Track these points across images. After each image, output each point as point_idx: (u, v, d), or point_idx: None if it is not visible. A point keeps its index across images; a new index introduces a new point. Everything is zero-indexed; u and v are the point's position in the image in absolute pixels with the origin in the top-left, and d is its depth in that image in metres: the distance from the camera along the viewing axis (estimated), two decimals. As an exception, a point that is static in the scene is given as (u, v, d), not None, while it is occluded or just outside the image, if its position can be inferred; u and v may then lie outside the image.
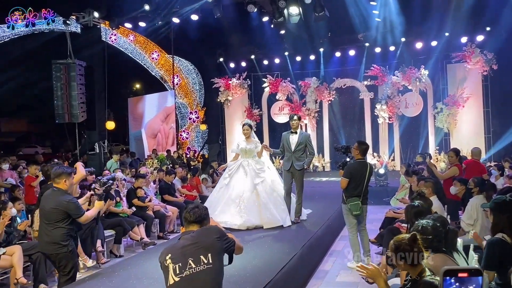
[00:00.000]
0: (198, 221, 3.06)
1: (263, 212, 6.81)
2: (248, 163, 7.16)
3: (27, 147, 31.41)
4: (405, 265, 2.75)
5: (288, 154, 7.12)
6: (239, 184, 7.02)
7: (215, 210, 6.84)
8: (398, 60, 15.38)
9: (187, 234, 3.01)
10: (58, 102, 13.75)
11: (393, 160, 15.53)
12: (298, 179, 7.06)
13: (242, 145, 7.24)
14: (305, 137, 7.15)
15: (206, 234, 2.99)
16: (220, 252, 2.99)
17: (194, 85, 18.64)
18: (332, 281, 5.48)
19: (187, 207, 3.15)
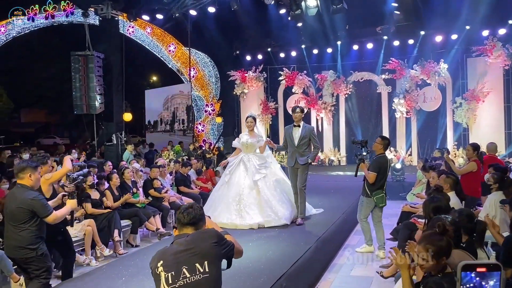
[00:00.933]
0: (193, 223, 2.73)
1: (265, 210, 6.45)
2: (249, 158, 6.81)
3: (46, 137, 31.99)
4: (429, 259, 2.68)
5: (292, 149, 6.74)
6: (239, 181, 6.69)
7: (216, 210, 6.60)
8: (417, 53, 15.16)
9: (180, 238, 2.68)
10: (76, 94, 13.93)
11: (410, 155, 15.36)
12: (301, 174, 6.63)
13: (243, 139, 6.92)
14: (308, 130, 6.73)
15: (202, 238, 2.65)
16: (218, 258, 2.67)
17: (210, 78, 18.68)
18: (347, 275, 5.46)
19: (180, 207, 2.83)
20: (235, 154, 7.10)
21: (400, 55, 15.36)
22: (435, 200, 4.12)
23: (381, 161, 5.96)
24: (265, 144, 6.85)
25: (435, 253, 2.66)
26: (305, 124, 6.83)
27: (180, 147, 15.82)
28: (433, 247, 2.67)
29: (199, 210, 2.79)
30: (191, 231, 2.72)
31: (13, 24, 20.32)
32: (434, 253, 2.66)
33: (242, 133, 7.15)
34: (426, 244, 2.69)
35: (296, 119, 6.76)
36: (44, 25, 20.16)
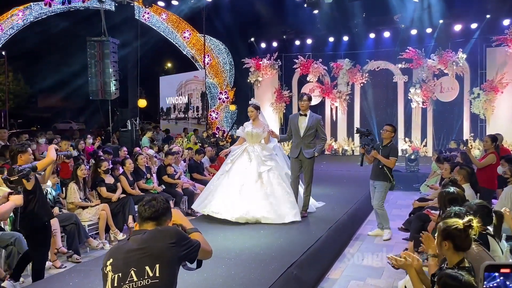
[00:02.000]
0: (154, 218, 2.43)
1: (266, 205, 6.01)
2: (253, 148, 6.39)
3: (62, 122, 32.40)
4: (447, 251, 2.68)
5: (297, 140, 6.34)
6: (241, 171, 6.27)
7: (212, 200, 6.25)
8: (435, 42, 14.89)
9: (137, 235, 2.39)
10: (92, 79, 14.01)
11: (425, 145, 15.20)
12: (307, 168, 6.29)
13: (248, 128, 6.48)
14: (315, 120, 6.31)
15: (159, 237, 2.33)
16: (173, 261, 2.34)
17: (225, 65, 18.65)
18: (358, 264, 5.46)
19: (143, 199, 2.55)
20: (239, 144, 6.70)
21: (418, 44, 15.11)
22: (451, 192, 4.07)
23: (397, 147, 6.51)
24: (268, 135, 6.41)
25: (456, 246, 2.65)
26: (312, 113, 6.42)
27: (194, 134, 15.89)
28: (454, 241, 2.65)
29: (163, 204, 2.49)
30: (152, 226, 2.42)
31: (30, 9, 20.51)
32: (455, 246, 2.65)
33: (247, 121, 6.67)
34: (447, 237, 2.67)
35: (303, 108, 6.35)
36: (61, 10, 20.31)
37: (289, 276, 4.19)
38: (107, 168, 7.04)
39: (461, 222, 2.70)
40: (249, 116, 6.53)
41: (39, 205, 4.39)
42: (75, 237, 5.74)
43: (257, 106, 6.58)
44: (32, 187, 4.41)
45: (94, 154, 9.75)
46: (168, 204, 2.54)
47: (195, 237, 2.55)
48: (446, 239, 2.67)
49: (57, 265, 5.38)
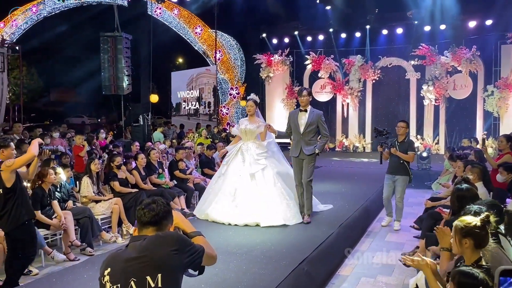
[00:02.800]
0: (154, 222, 2.23)
1: (261, 206, 5.75)
2: (247, 147, 6.15)
3: (74, 116, 32.70)
4: (467, 249, 2.67)
5: (297, 137, 6.00)
6: (236, 173, 6.06)
7: (210, 204, 6.10)
8: (449, 39, 14.73)
9: (136, 241, 2.19)
10: (105, 74, 14.16)
11: (438, 143, 15.08)
12: (306, 166, 5.90)
13: (242, 125, 6.26)
14: (316, 116, 5.96)
15: (160, 244, 2.14)
16: (177, 270, 2.17)
17: (236, 61, 18.65)
18: (368, 262, 5.46)
19: (142, 201, 2.36)
20: (235, 142, 6.46)
21: (431, 40, 14.97)
22: (462, 189, 4.05)
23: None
24: (265, 130, 6.14)
25: (476, 244, 2.64)
26: (313, 108, 6.08)
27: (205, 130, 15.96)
28: (474, 238, 2.65)
29: (164, 206, 2.28)
30: (152, 232, 2.23)
31: (44, 4, 20.70)
32: (475, 244, 2.64)
33: (243, 118, 6.50)
34: (467, 235, 2.67)
35: (303, 103, 6.02)
36: (74, 5, 20.46)
37: (300, 272, 4.21)
38: (120, 164, 7.11)
39: (478, 219, 2.70)
40: (248, 111, 6.30)
41: (19, 203, 4.17)
42: (89, 231, 5.82)
43: (256, 101, 6.37)
44: (12, 185, 4.22)
45: (105, 148, 9.86)
46: (169, 207, 2.33)
47: (198, 241, 2.35)
48: (466, 237, 2.66)
49: (71, 258, 5.47)
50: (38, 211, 5.49)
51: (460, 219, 2.79)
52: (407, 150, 6.53)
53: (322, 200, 7.31)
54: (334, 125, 16.81)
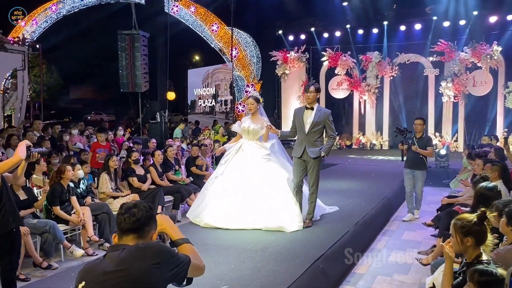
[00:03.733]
0: (135, 229, 2.03)
1: (262, 210, 5.40)
2: (249, 147, 5.79)
3: (93, 114, 33.18)
4: (468, 248, 2.69)
5: (301, 137, 5.58)
6: (235, 175, 5.69)
7: (205, 208, 5.70)
8: (468, 35, 14.47)
9: (115, 251, 2.00)
10: (122, 72, 14.29)
11: (456, 141, 14.85)
12: (313, 170, 5.51)
13: (245, 124, 5.88)
14: (324, 115, 5.54)
15: (139, 257, 1.94)
16: (159, 285, 1.98)
17: (252, 58, 18.65)
18: (384, 260, 5.42)
19: (122, 206, 2.12)
20: (235, 141, 6.09)
21: (450, 36, 14.72)
22: (486, 188, 4.01)
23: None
24: (267, 131, 5.77)
25: (477, 241, 2.67)
26: (320, 106, 5.69)
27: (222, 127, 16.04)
28: (475, 236, 2.67)
29: (146, 211, 2.07)
30: (132, 240, 2.03)
31: (63, 2, 21.03)
32: (476, 242, 2.67)
33: (246, 116, 6.14)
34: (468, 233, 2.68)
35: (309, 100, 5.57)
36: (92, 4, 20.73)
37: (316, 269, 4.21)
38: (137, 158, 7.20)
39: (474, 216, 2.74)
40: (249, 109, 5.97)
41: (6, 209, 3.86)
42: (106, 226, 5.91)
43: (258, 98, 6.03)
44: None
45: (123, 145, 9.99)
46: (152, 212, 2.11)
47: (185, 250, 2.16)
48: (468, 236, 2.69)
49: (89, 253, 5.58)
50: (57, 207, 5.60)
51: (458, 217, 2.82)
52: (426, 145, 6.85)
53: (339, 197, 7.29)
54: (351, 122, 16.70)
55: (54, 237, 5.28)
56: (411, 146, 6.87)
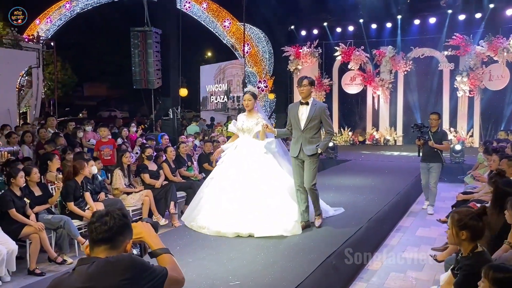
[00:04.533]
0: (107, 239, 1.89)
1: (261, 216, 5.02)
2: (246, 146, 5.43)
3: (106, 110, 33.52)
4: (463, 241, 2.72)
5: (297, 134, 5.23)
6: (232, 176, 5.32)
7: (200, 211, 5.37)
8: (484, 28, 14.20)
9: (84, 265, 1.85)
10: (135, 69, 14.38)
11: (472, 136, 14.63)
12: (308, 167, 5.13)
13: (239, 123, 5.52)
14: (320, 110, 5.15)
15: (108, 273, 1.80)
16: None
17: (264, 54, 18.61)
18: (398, 256, 5.38)
19: (94, 214, 1.98)
20: (232, 141, 5.76)
21: (465, 30, 14.48)
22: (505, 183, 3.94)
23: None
24: (263, 130, 5.35)
25: (473, 235, 2.70)
26: (316, 100, 5.31)
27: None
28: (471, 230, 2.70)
29: (119, 219, 1.92)
30: (104, 251, 1.88)
31: (77, 0, 21.23)
32: (472, 236, 2.70)
33: (242, 113, 5.70)
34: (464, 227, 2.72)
35: (303, 94, 5.19)
36: (105, 1, 20.90)
37: (328, 265, 4.19)
38: (150, 155, 7.25)
39: (474, 211, 2.74)
40: (245, 106, 5.54)
41: None
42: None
43: (255, 94, 5.58)
44: None
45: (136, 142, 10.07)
46: (127, 220, 1.97)
47: (164, 261, 2.05)
48: (463, 229, 2.71)
49: (103, 248, 5.62)
50: (71, 203, 5.66)
51: (457, 210, 2.83)
52: (441, 140, 7.10)
53: (352, 193, 7.24)
54: (365, 118, 16.56)
55: (68, 232, 5.34)
56: (427, 141, 7.08)
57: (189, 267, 4.10)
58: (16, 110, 14.58)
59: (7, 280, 4.68)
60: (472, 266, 2.63)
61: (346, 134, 16.38)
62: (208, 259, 4.32)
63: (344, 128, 16.52)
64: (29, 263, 4.99)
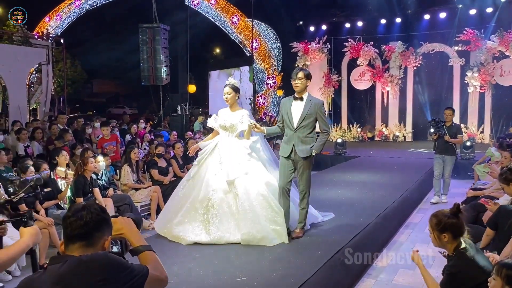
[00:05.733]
0: (83, 235, 1.74)
1: (241, 222, 4.57)
2: (227, 145, 4.86)
3: (115, 107, 33.71)
4: (447, 243, 2.75)
5: (289, 133, 4.72)
6: (209, 179, 4.75)
7: (175, 218, 4.80)
8: (496, 23, 14.01)
9: (56, 264, 1.70)
10: (144, 65, 14.42)
11: (482, 132, 14.47)
12: (302, 172, 4.68)
13: (221, 119, 4.95)
14: (315, 106, 4.66)
15: (81, 273, 1.65)
16: None
17: (273, 50, 18.54)
18: (407, 253, 5.33)
19: (70, 208, 1.88)
20: (211, 138, 5.18)
21: (476, 25, 14.29)
22: None
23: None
24: (249, 130, 4.83)
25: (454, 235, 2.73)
26: (311, 96, 4.82)
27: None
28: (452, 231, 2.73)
29: (96, 214, 1.77)
30: (79, 249, 1.73)
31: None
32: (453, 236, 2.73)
33: (222, 108, 5.10)
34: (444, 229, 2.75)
35: (298, 88, 4.67)
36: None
37: (336, 262, 4.17)
38: (161, 153, 7.27)
39: (447, 210, 2.78)
40: (225, 100, 4.94)
41: None
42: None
43: (236, 87, 4.97)
44: None
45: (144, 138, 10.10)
46: (105, 215, 1.82)
47: (146, 258, 1.90)
48: (444, 232, 2.73)
49: (111, 243, 5.65)
50: (81, 198, 5.70)
51: (434, 213, 2.86)
52: (456, 133, 7.48)
53: (360, 190, 7.21)
54: (374, 114, 16.44)
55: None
56: (443, 135, 7.40)
57: (196, 262, 4.12)
58: (26, 107, 14.71)
59: (17, 275, 4.73)
60: (453, 266, 2.68)
61: (355, 130, 16.29)
62: (216, 254, 4.32)
63: (353, 124, 16.43)
64: (39, 258, 5.03)
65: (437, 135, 7.50)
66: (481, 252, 2.82)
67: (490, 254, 3.16)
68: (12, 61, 13.55)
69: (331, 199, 6.60)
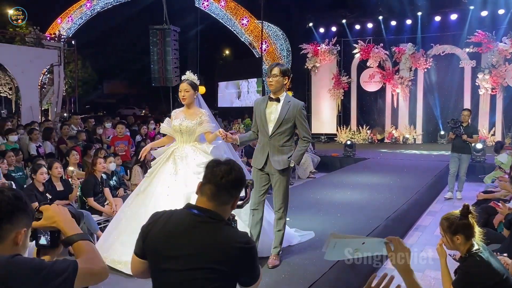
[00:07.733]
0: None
1: None
2: (183, 153, 4.12)
3: (126, 108, 33.92)
4: (460, 245, 2.72)
5: (263, 140, 3.97)
6: (162, 192, 3.99)
7: (116, 239, 3.98)
8: (508, 25, 13.89)
9: None
10: (154, 67, 14.51)
11: (493, 135, 14.33)
12: (279, 186, 3.91)
13: (176, 121, 4.19)
14: (294, 109, 3.88)
15: None
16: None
17: (282, 51, 18.57)
18: (416, 255, 5.30)
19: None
20: (162, 143, 4.49)
21: (488, 26, 14.18)
22: None
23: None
24: (215, 136, 4.05)
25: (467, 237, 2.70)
26: (290, 97, 4.00)
27: (249, 120, 16.10)
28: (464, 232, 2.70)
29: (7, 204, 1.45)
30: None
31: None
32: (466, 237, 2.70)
33: (177, 109, 4.39)
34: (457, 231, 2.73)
35: (272, 87, 3.88)
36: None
37: (345, 263, 4.16)
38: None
39: (458, 212, 2.76)
40: (181, 99, 4.23)
41: None
42: (138, 217, 6.03)
43: (194, 84, 4.26)
44: None
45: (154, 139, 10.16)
46: (19, 202, 1.48)
47: (80, 249, 1.59)
48: (456, 234, 2.72)
49: (121, 243, 5.70)
50: (91, 198, 5.76)
51: (444, 216, 2.83)
52: (472, 133, 7.89)
53: (370, 192, 7.19)
54: (383, 116, 16.38)
55: (88, 226, 5.43)
56: (461, 135, 7.74)
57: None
58: (38, 107, 14.89)
59: None
60: (469, 266, 2.67)
61: (365, 132, 16.24)
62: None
63: (362, 126, 16.38)
64: (50, 256, 5.09)
65: (454, 134, 7.85)
66: (493, 255, 2.80)
67: (501, 257, 3.13)
68: (25, 62, 13.74)
69: (340, 201, 6.60)
